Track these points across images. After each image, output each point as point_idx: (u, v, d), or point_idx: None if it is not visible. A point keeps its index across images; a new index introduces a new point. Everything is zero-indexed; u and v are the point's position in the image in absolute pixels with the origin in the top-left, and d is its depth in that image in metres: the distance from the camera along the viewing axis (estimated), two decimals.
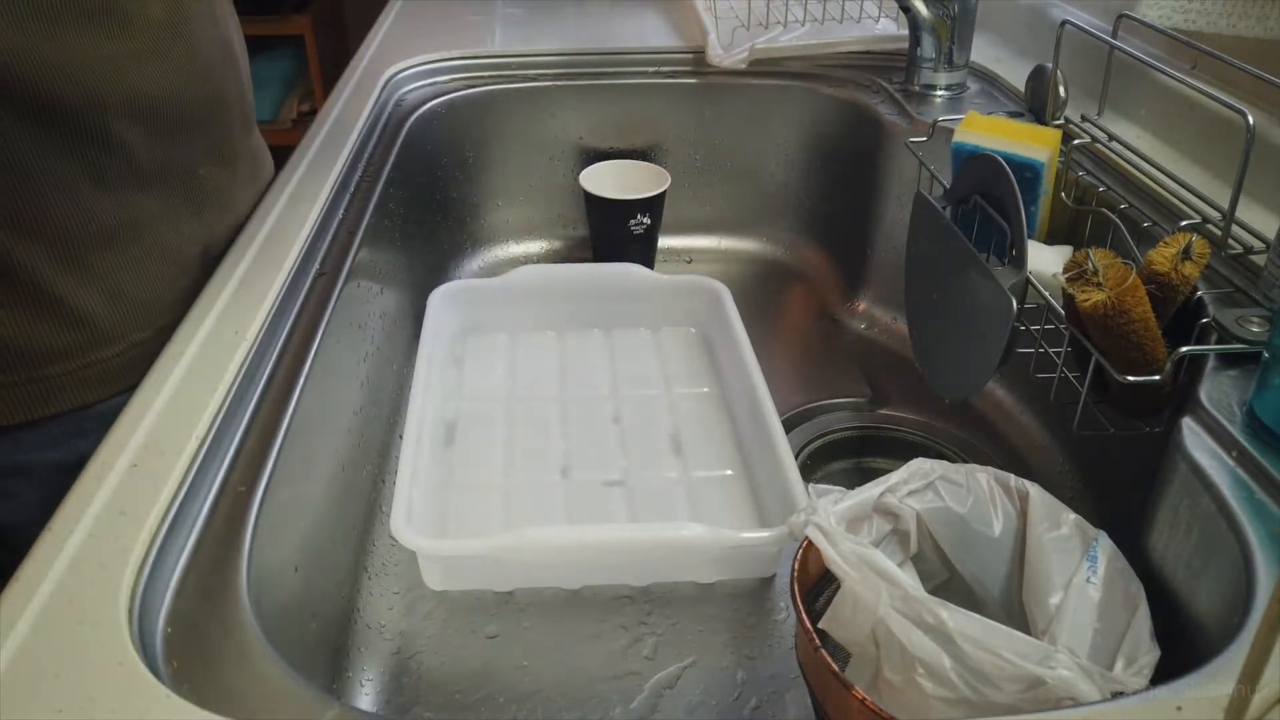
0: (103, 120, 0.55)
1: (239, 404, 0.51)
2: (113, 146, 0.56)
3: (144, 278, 0.60)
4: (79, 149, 0.54)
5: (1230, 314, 0.53)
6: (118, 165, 0.57)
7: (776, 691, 0.56)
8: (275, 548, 0.47)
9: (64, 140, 0.54)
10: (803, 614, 0.46)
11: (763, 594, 0.62)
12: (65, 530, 0.42)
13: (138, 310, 0.60)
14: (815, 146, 1.01)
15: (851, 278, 0.98)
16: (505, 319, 0.85)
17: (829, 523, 0.47)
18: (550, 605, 0.61)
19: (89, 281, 0.56)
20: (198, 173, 0.64)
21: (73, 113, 0.53)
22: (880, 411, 0.83)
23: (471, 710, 0.55)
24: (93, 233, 0.56)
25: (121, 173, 0.57)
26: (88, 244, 0.56)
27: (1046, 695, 0.40)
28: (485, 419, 0.75)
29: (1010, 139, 0.67)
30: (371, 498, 0.68)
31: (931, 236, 0.69)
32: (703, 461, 0.71)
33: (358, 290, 0.68)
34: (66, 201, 0.55)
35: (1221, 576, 0.44)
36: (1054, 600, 0.47)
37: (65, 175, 0.54)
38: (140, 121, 0.58)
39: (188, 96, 0.61)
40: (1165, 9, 0.71)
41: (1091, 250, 0.53)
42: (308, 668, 0.51)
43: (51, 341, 0.55)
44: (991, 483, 0.53)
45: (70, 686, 0.36)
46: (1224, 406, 0.48)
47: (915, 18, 0.89)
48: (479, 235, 1.03)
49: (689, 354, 0.83)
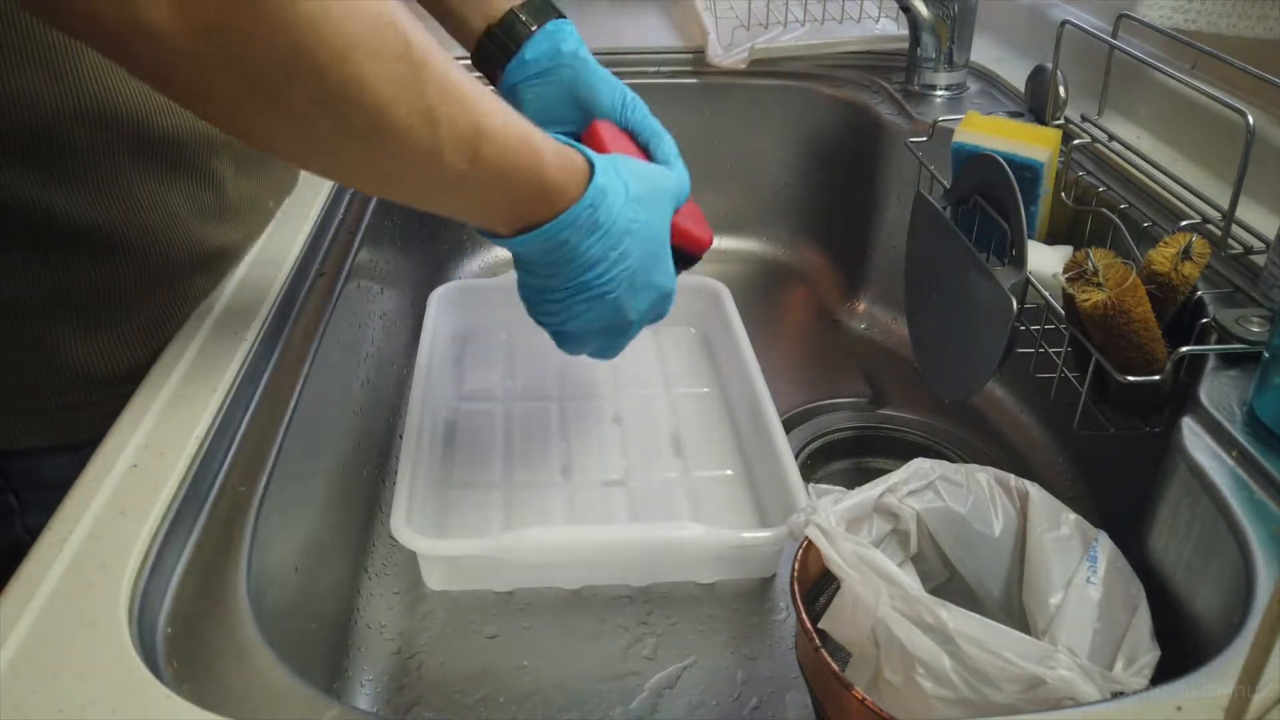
0: (207, 157, 0.58)
1: (239, 404, 0.51)
2: (211, 181, 0.59)
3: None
4: (182, 182, 0.57)
5: (1230, 314, 0.53)
6: (211, 199, 0.59)
7: (776, 691, 0.56)
8: (275, 548, 0.47)
9: (172, 173, 0.56)
10: (803, 614, 0.46)
11: (763, 594, 0.62)
12: (65, 530, 0.42)
13: None
14: (815, 146, 1.01)
15: (851, 278, 0.98)
16: (505, 319, 0.85)
17: (829, 523, 0.47)
18: (550, 605, 0.61)
19: (171, 308, 0.58)
20: (267, 204, 0.67)
21: (182, 149, 0.56)
22: (880, 411, 0.83)
23: (471, 710, 0.55)
24: (183, 261, 0.58)
25: (213, 206, 0.59)
26: (174, 271, 0.57)
27: (1047, 695, 0.40)
28: (485, 419, 0.75)
29: (1010, 139, 0.67)
30: (371, 498, 0.68)
31: (931, 236, 0.69)
32: (703, 461, 0.71)
33: (358, 290, 0.68)
34: (167, 231, 0.56)
35: (1221, 576, 0.44)
36: (1054, 600, 0.47)
37: (170, 207, 0.56)
38: (237, 158, 0.60)
39: None
40: (1165, 9, 0.71)
41: (1091, 250, 0.53)
42: (307, 668, 0.51)
43: (128, 363, 0.56)
44: (991, 483, 0.53)
45: (70, 686, 0.36)
46: (1224, 406, 0.48)
47: (915, 18, 0.89)
48: (479, 235, 1.03)
49: (689, 354, 0.83)
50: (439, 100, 0.41)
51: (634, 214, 0.52)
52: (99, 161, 0.52)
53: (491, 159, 0.45)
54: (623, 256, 0.52)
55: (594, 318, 0.54)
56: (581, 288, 0.52)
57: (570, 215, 0.49)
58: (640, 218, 0.52)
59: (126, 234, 0.54)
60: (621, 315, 0.54)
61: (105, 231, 0.53)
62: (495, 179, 0.46)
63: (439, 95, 0.41)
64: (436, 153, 0.42)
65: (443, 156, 0.42)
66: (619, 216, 0.51)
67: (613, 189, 0.51)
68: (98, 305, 0.55)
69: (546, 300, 0.54)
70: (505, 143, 0.45)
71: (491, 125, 0.44)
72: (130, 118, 0.52)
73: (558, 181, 0.48)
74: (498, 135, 0.44)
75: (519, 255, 0.53)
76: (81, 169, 0.52)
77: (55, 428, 0.56)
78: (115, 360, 0.56)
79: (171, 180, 0.56)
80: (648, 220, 0.53)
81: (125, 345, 0.56)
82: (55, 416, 0.56)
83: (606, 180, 0.50)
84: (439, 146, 0.42)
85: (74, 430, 0.56)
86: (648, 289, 0.55)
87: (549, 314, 0.55)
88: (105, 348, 0.56)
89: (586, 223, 0.50)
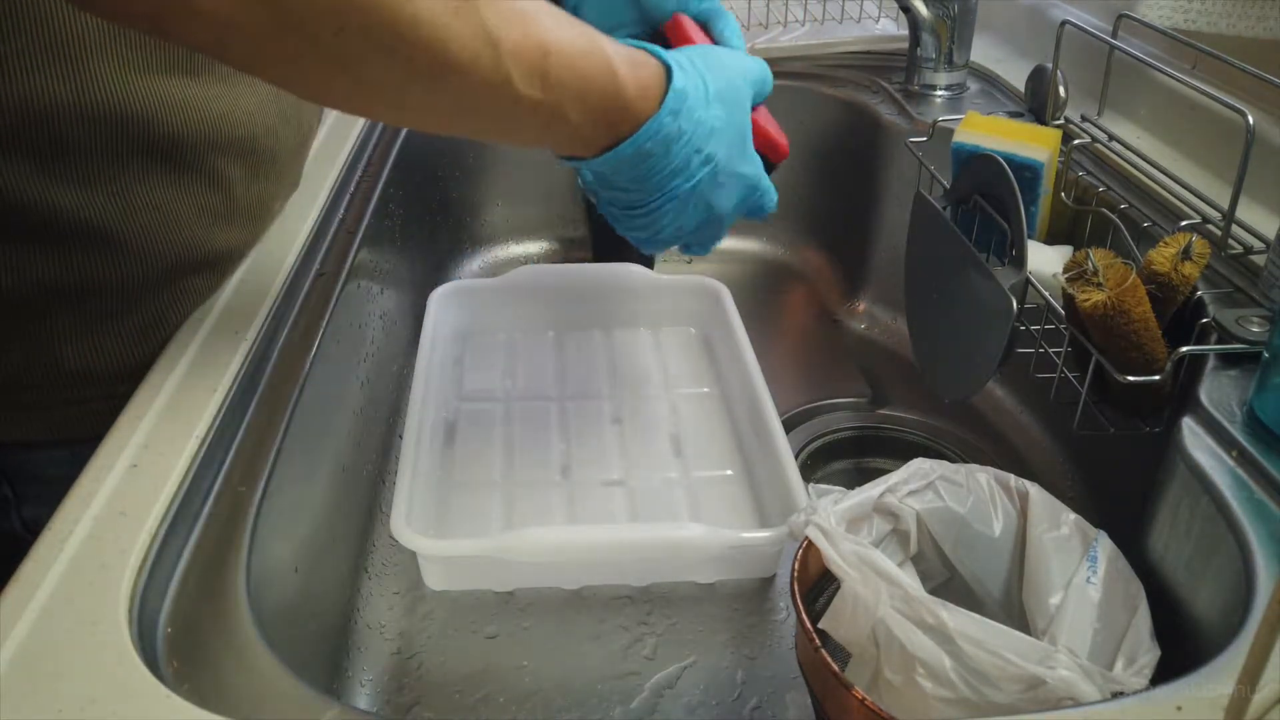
0: (215, 160, 0.57)
1: (239, 404, 0.51)
2: (219, 184, 0.58)
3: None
4: (188, 185, 0.56)
5: (1230, 314, 0.53)
6: (218, 201, 0.58)
7: (776, 691, 0.56)
8: (275, 548, 0.47)
9: (177, 176, 0.55)
10: (803, 614, 0.46)
11: (763, 594, 0.62)
12: (65, 530, 0.42)
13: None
14: (815, 146, 1.01)
15: (851, 278, 0.98)
16: (505, 319, 0.85)
17: (829, 523, 0.47)
18: (550, 605, 0.61)
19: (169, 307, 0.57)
20: (274, 207, 0.66)
21: (186, 150, 0.55)
22: (880, 411, 0.83)
23: (471, 710, 0.55)
24: (184, 262, 0.57)
25: (220, 208, 0.58)
26: (175, 272, 0.57)
27: (1046, 695, 0.40)
28: (485, 419, 0.75)
29: (1010, 139, 0.67)
30: (371, 498, 0.68)
31: (931, 236, 0.69)
32: (703, 461, 0.71)
33: (358, 290, 0.68)
34: (168, 232, 0.56)
35: (1221, 576, 0.44)
36: (1054, 600, 0.47)
37: (171, 207, 0.55)
38: (244, 160, 0.59)
39: (285, 135, 0.63)
40: (1165, 9, 0.71)
41: (1091, 250, 0.53)
42: (307, 668, 0.51)
43: (126, 361, 0.56)
44: (991, 483, 0.53)
45: (70, 686, 0.36)
46: (1224, 406, 0.48)
47: (915, 18, 0.89)
48: (479, 235, 1.03)
49: (689, 354, 0.83)
50: (498, 23, 0.39)
51: (717, 112, 0.50)
52: (102, 161, 0.52)
53: (564, 77, 0.42)
54: (708, 159, 0.50)
55: (685, 221, 0.52)
56: (669, 196, 0.50)
57: (653, 125, 0.47)
58: (723, 114, 0.50)
59: (126, 233, 0.54)
60: (713, 212, 0.53)
61: (105, 230, 0.53)
62: (570, 98, 0.44)
63: (497, 18, 0.39)
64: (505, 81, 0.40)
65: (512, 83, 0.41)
66: (702, 118, 0.49)
67: (693, 89, 0.49)
68: (95, 303, 0.55)
69: (634, 215, 0.52)
70: (574, 57, 0.43)
71: (558, 40, 0.42)
72: (136, 118, 0.52)
73: (635, 89, 0.46)
74: (565, 49, 0.42)
75: (601, 175, 0.51)
76: (84, 167, 0.52)
77: (51, 423, 0.56)
78: (111, 358, 0.56)
79: (176, 182, 0.55)
80: (729, 116, 0.51)
81: (122, 343, 0.56)
82: (51, 413, 0.56)
83: (685, 81, 0.48)
84: (506, 74, 0.40)
85: (69, 427, 0.56)
86: (736, 183, 0.53)
87: (639, 228, 0.53)
88: (101, 345, 0.55)
89: (670, 131, 0.48)
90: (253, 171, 0.61)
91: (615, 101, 0.46)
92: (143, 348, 0.56)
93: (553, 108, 0.44)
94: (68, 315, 0.54)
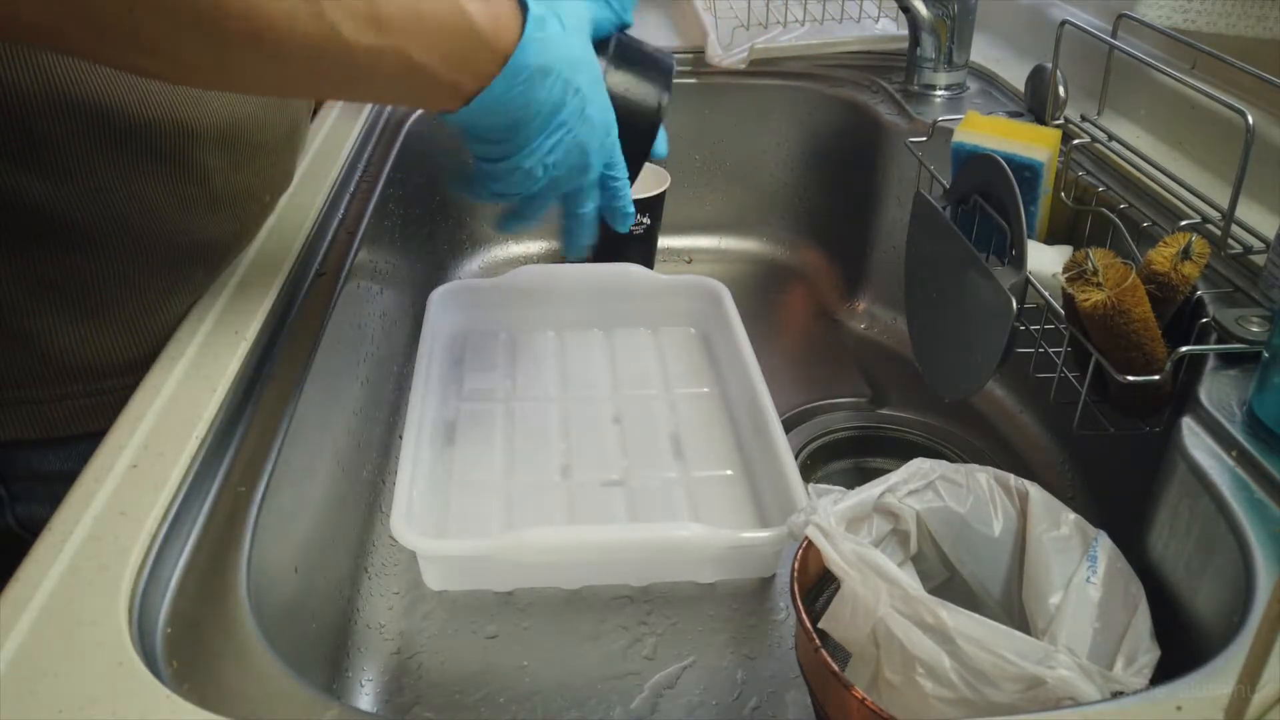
0: (189, 147, 0.55)
1: (239, 404, 0.51)
2: (194, 173, 0.56)
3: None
4: (161, 174, 0.55)
5: (1230, 314, 0.53)
6: (195, 191, 0.57)
7: (776, 691, 0.56)
8: (275, 548, 0.47)
9: (148, 165, 0.54)
10: (803, 614, 0.46)
11: (763, 594, 0.62)
12: (65, 530, 0.42)
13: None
14: (815, 146, 1.01)
15: (851, 278, 0.98)
16: (505, 319, 0.85)
17: (829, 523, 0.47)
18: (550, 605, 0.61)
19: (159, 300, 0.57)
20: (263, 199, 0.64)
21: (157, 140, 0.54)
22: (880, 411, 0.83)
23: (471, 710, 0.55)
24: (167, 254, 0.56)
25: (198, 198, 0.57)
26: (158, 264, 0.56)
27: (1046, 695, 0.40)
28: (485, 419, 0.75)
29: (1010, 139, 0.67)
30: (371, 498, 0.68)
31: (931, 236, 0.69)
32: (703, 461, 0.71)
33: (358, 290, 0.68)
34: (147, 223, 0.55)
35: (1221, 576, 0.44)
36: (1054, 600, 0.47)
37: (148, 198, 0.54)
38: (225, 150, 0.58)
39: (270, 125, 0.62)
40: (1165, 9, 0.71)
41: (1091, 250, 0.53)
42: (307, 668, 0.51)
43: (114, 356, 0.55)
44: (991, 483, 0.53)
45: (70, 686, 0.36)
46: (1224, 406, 0.48)
47: (915, 18, 0.89)
48: (479, 235, 1.03)
49: (689, 354, 0.83)
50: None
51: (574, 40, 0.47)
52: (69, 152, 0.51)
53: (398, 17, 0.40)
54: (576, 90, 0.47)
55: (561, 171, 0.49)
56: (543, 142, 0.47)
57: (519, 60, 0.44)
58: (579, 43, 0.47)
59: (104, 226, 0.53)
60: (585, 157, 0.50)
61: (82, 223, 0.52)
62: (413, 39, 0.41)
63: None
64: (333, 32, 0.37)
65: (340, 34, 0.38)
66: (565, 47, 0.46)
67: (548, 18, 0.45)
68: (77, 296, 0.54)
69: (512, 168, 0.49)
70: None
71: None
72: (105, 109, 0.51)
73: (486, 21, 0.43)
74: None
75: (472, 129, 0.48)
76: (55, 160, 0.50)
77: (39, 420, 0.56)
78: (98, 352, 0.55)
79: (148, 172, 0.54)
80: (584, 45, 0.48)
81: (108, 337, 0.55)
82: (38, 409, 0.55)
83: (541, 8, 0.45)
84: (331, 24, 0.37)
85: (58, 423, 0.55)
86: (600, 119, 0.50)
87: (515, 183, 0.50)
88: (87, 339, 0.55)
89: (536, 64, 0.45)
90: (234, 161, 0.59)
91: (467, 37, 0.42)
92: (131, 341, 0.55)
93: (395, 53, 0.41)
94: (49, 309, 0.53)
